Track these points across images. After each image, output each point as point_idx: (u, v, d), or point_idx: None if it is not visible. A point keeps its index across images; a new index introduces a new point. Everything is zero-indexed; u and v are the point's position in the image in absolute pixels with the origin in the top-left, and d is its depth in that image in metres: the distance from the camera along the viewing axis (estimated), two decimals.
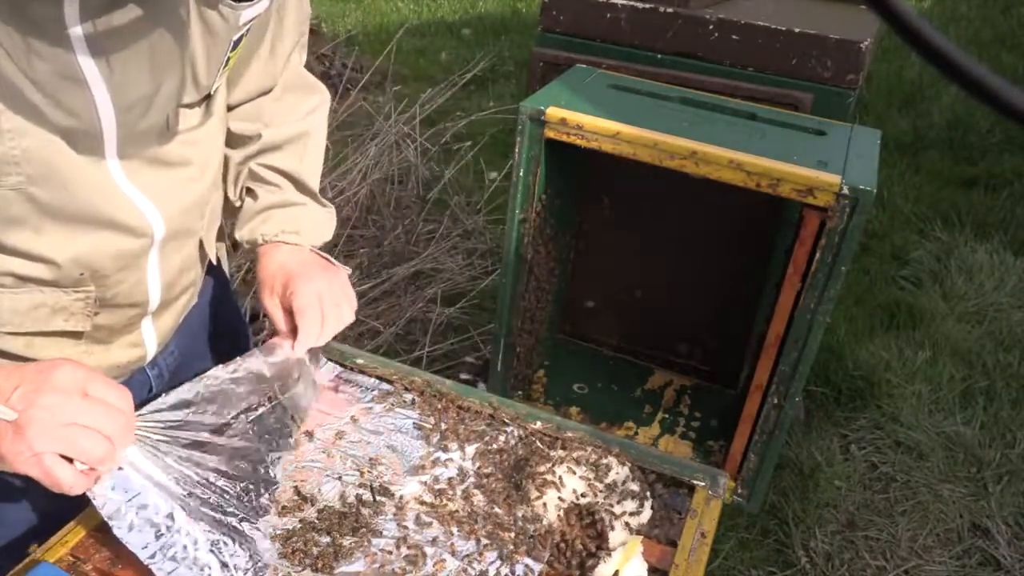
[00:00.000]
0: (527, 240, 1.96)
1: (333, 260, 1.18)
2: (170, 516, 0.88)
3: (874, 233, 3.59)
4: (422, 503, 1.01)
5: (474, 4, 6.73)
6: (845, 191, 1.57)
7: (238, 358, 1.08)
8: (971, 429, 2.55)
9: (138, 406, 0.89)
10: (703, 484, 1.07)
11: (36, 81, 0.74)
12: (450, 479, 1.05)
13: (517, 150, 1.82)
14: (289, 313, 1.11)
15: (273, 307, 1.13)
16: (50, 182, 0.80)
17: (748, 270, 2.18)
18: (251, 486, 0.99)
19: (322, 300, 1.11)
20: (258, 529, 0.95)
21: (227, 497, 0.95)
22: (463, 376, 2.61)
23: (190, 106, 0.93)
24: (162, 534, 0.87)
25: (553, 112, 1.75)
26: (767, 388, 1.85)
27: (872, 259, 3.41)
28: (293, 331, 1.11)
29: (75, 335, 0.94)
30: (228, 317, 1.29)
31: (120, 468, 0.86)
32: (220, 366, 1.06)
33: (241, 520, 0.94)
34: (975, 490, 2.35)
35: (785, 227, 2.05)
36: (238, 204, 1.18)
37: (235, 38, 0.91)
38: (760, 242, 2.13)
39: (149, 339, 1.05)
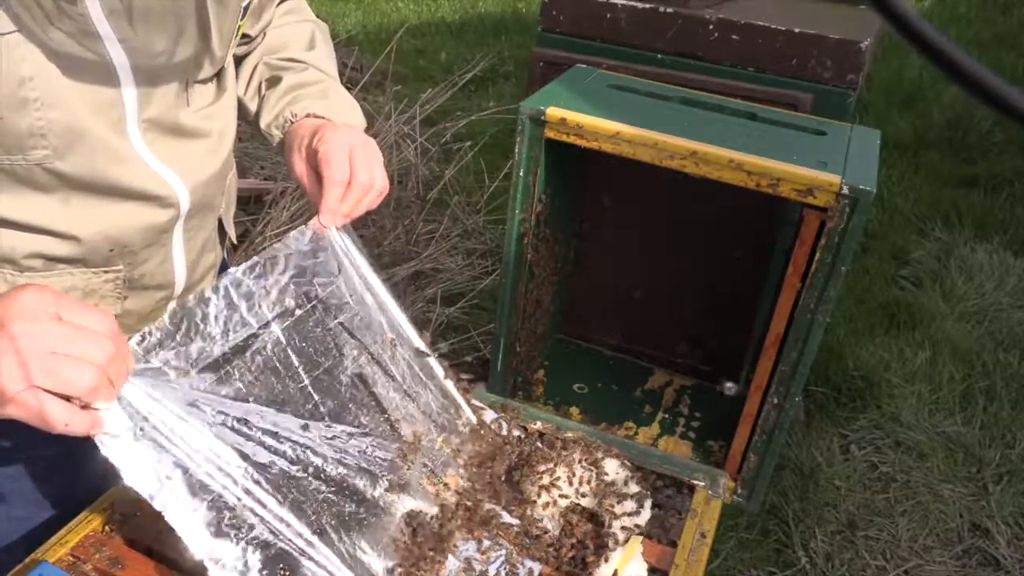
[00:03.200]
0: (527, 240, 1.96)
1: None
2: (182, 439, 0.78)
3: (874, 233, 3.59)
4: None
5: (474, 4, 6.73)
6: (845, 191, 1.56)
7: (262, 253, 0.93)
8: (971, 429, 2.55)
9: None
10: (703, 484, 1.07)
11: (58, 48, 0.75)
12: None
13: (517, 150, 1.82)
14: (318, 173, 0.97)
15: (300, 166, 0.99)
16: (75, 154, 0.81)
17: (748, 270, 2.18)
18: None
19: (353, 151, 0.96)
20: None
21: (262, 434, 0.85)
22: (463, 376, 2.61)
23: (204, 82, 0.95)
24: (178, 466, 0.77)
25: (553, 112, 1.75)
26: (767, 388, 1.84)
27: (872, 259, 3.41)
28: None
29: None
30: None
31: (119, 401, 0.75)
32: (241, 266, 0.90)
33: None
34: (975, 490, 2.35)
35: (785, 227, 2.05)
36: (255, 107, 1.09)
37: (244, 5, 0.94)
38: (760, 242, 2.12)
39: None
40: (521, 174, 1.87)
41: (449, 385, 1.10)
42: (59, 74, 0.77)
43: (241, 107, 1.11)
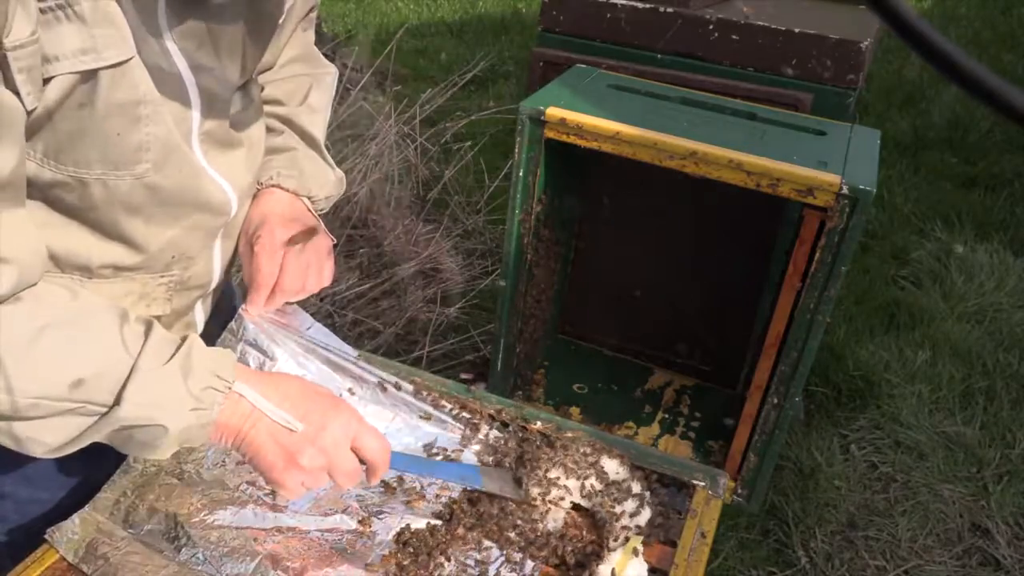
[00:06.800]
0: (527, 240, 1.96)
1: (324, 228, 1.10)
2: None
3: (874, 233, 3.59)
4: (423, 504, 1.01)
5: (474, 4, 6.73)
6: (845, 191, 1.57)
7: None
8: (971, 429, 2.55)
9: None
10: (703, 484, 1.07)
11: (155, 68, 0.80)
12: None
13: (517, 150, 1.82)
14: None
15: (243, 248, 1.05)
16: (169, 166, 0.85)
17: (748, 270, 2.18)
18: None
19: (289, 252, 1.03)
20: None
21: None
22: (463, 376, 2.61)
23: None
24: None
25: (553, 112, 1.75)
26: (767, 388, 1.85)
27: (872, 259, 3.41)
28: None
29: None
30: (228, 316, 1.30)
31: None
32: None
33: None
34: (975, 490, 2.35)
35: (785, 227, 2.05)
36: None
37: (280, 22, 0.98)
38: (760, 242, 2.12)
39: (199, 319, 1.08)
40: (521, 174, 1.88)
41: (424, 403, 1.12)
42: (158, 92, 0.82)
43: None
